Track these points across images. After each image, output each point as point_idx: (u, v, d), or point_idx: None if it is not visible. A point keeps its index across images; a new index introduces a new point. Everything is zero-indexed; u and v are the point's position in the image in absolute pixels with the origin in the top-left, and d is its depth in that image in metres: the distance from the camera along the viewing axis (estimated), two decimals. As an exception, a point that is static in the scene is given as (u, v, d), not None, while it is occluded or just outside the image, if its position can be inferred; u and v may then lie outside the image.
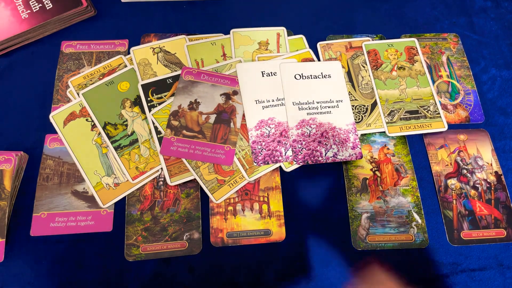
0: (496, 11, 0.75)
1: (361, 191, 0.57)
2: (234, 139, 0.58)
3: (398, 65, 0.66)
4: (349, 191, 0.57)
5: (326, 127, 0.59)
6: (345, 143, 0.59)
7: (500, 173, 0.60)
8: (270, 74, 0.63)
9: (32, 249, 0.53)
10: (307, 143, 0.58)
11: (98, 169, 0.57)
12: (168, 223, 0.55)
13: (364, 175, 0.58)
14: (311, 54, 0.66)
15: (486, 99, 0.66)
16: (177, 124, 0.58)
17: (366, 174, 0.58)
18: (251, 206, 0.57)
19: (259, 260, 0.54)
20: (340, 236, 0.56)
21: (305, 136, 0.59)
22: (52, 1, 0.67)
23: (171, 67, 0.64)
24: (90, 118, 0.60)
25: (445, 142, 0.62)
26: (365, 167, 0.59)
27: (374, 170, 0.58)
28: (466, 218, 0.57)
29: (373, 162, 0.59)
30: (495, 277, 0.54)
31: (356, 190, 0.57)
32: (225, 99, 0.60)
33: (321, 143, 0.58)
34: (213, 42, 0.66)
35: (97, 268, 0.53)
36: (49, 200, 0.55)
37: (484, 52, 0.70)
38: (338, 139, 0.59)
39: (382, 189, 0.57)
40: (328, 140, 0.58)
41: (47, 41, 0.67)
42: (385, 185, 0.58)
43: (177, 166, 0.57)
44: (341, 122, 0.60)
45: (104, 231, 0.55)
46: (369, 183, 0.58)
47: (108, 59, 0.65)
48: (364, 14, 0.73)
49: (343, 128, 0.60)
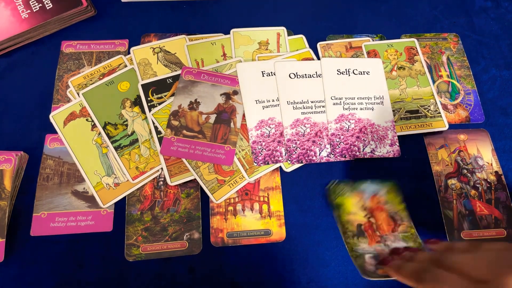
0: (496, 11, 0.75)
1: (358, 235, 0.53)
2: (234, 139, 0.58)
3: (398, 65, 0.66)
4: (345, 235, 0.53)
5: (320, 127, 0.59)
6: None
7: (500, 173, 0.60)
8: (270, 74, 0.63)
9: (32, 249, 0.53)
10: (302, 143, 0.58)
11: (98, 169, 0.57)
12: (168, 223, 0.55)
13: (358, 221, 0.54)
14: (311, 54, 0.66)
15: (486, 99, 0.66)
16: (177, 124, 0.58)
17: (360, 221, 0.54)
18: (251, 206, 0.57)
19: (259, 260, 0.54)
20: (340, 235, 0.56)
21: (300, 136, 0.59)
22: (52, 1, 0.66)
23: (171, 67, 0.64)
24: (90, 118, 0.60)
25: (445, 142, 0.62)
26: (358, 214, 0.54)
27: (368, 217, 0.54)
28: (467, 218, 0.57)
29: (366, 209, 0.55)
30: (496, 277, 0.54)
31: (352, 234, 0.53)
32: (225, 99, 0.60)
33: (315, 143, 0.58)
34: (213, 42, 0.66)
35: (97, 268, 0.53)
36: (49, 200, 0.55)
37: (484, 52, 0.70)
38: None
39: (380, 234, 0.53)
40: (322, 140, 0.59)
41: (47, 41, 0.67)
42: (382, 231, 0.53)
43: (177, 166, 0.57)
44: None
45: (104, 231, 0.55)
46: (365, 228, 0.53)
47: (108, 59, 0.65)
48: (364, 14, 0.73)
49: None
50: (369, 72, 0.64)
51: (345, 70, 0.63)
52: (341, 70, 0.63)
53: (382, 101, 0.62)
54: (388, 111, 0.62)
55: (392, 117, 0.61)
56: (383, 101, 0.62)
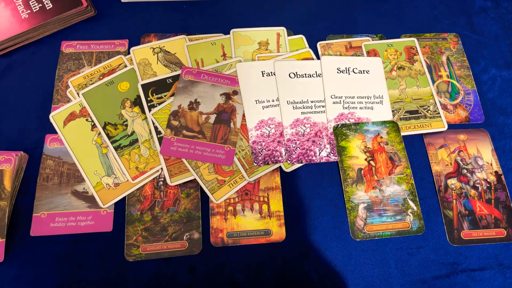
0: (496, 11, 0.75)
1: (357, 182, 0.57)
2: (234, 139, 0.58)
3: (397, 65, 0.66)
4: (345, 182, 0.57)
5: (320, 126, 0.59)
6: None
7: (500, 173, 0.60)
8: (270, 74, 0.63)
9: (32, 249, 0.53)
10: (301, 143, 0.58)
11: (98, 169, 0.57)
12: (168, 223, 0.55)
13: (359, 165, 0.58)
14: (311, 54, 0.66)
15: (486, 99, 0.66)
16: (177, 124, 0.58)
17: (361, 165, 0.58)
18: (251, 206, 0.57)
19: (259, 260, 0.54)
20: (340, 236, 0.56)
21: (299, 136, 0.59)
22: (52, 1, 0.67)
23: (171, 67, 0.64)
24: (90, 118, 0.60)
25: (445, 142, 0.62)
26: (360, 157, 0.59)
27: (369, 160, 0.58)
28: (466, 218, 0.57)
29: (367, 152, 0.59)
30: (495, 277, 0.54)
31: (352, 181, 0.57)
32: (225, 99, 0.60)
33: (315, 143, 0.58)
34: (213, 42, 0.66)
35: (97, 268, 0.53)
36: (49, 200, 0.55)
37: (484, 52, 0.70)
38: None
39: (377, 179, 0.57)
40: (322, 140, 0.59)
41: (47, 41, 0.67)
42: (380, 175, 0.58)
43: (177, 166, 0.57)
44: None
45: (104, 231, 0.55)
46: (364, 173, 0.58)
47: (108, 59, 0.65)
48: (364, 14, 0.73)
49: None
50: (369, 71, 0.64)
51: (345, 69, 0.63)
52: (341, 69, 0.63)
53: (382, 100, 0.62)
54: (388, 111, 0.62)
55: (391, 116, 0.61)
56: (382, 100, 0.62)
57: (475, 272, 0.54)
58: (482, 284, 0.54)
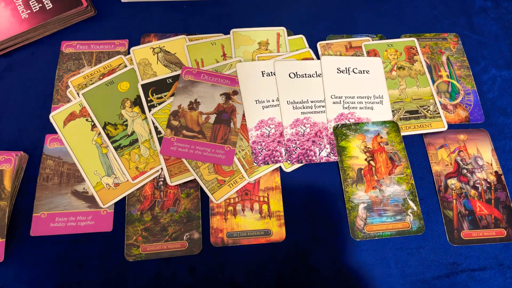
0: (496, 11, 0.75)
1: (357, 182, 0.57)
2: (234, 139, 0.58)
3: (397, 65, 0.66)
4: (345, 182, 0.57)
5: (320, 126, 0.59)
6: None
7: (500, 173, 0.60)
8: (270, 74, 0.63)
9: (32, 249, 0.53)
10: (301, 143, 0.58)
11: (98, 169, 0.57)
12: (168, 223, 0.55)
13: (359, 165, 0.58)
14: (311, 54, 0.66)
15: (486, 99, 0.66)
16: (177, 124, 0.58)
17: (361, 165, 0.58)
18: (251, 206, 0.57)
19: (259, 260, 0.54)
20: (340, 236, 0.56)
21: (299, 136, 0.59)
22: (52, 1, 0.67)
23: (171, 67, 0.64)
24: (90, 118, 0.60)
25: (445, 142, 0.62)
26: (360, 157, 0.59)
27: (369, 160, 0.58)
28: (466, 218, 0.57)
29: (367, 152, 0.59)
30: (495, 277, 0.54)
31: (352, 181, 0.57)
32: (225, 99, 0.60)
33: (315, 143, 0.58)
34: (213, 42, 0.66)
35: (97, 268, 0.53)
36: (49, 200, 0.55)
37: (484, 52, 0.70)
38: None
39: (377, 179, 0.57)
40: (322, 140, 0.59)
41: (47, 41, 0.67)
42: (380, 175, 0.58)
43: (177, 166, 0.57)
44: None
45: (104, 231, 0.55)
46: (364, 173, 0.58)
47: (108, 59, 0.65)
48: (364, 14, 0.73)
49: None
50: (369, 71, 0.64)
51: (345, 69, 0.63)
52: (341, 69, 0.63)
53: (382, 100, 0.62)
54: (388, 111, 0.62)
55: (391, 116, 0.61)
56: (382, 100, 0.62)
57: (475, 272, 0.54)
58: (482, 284, 0.54)
